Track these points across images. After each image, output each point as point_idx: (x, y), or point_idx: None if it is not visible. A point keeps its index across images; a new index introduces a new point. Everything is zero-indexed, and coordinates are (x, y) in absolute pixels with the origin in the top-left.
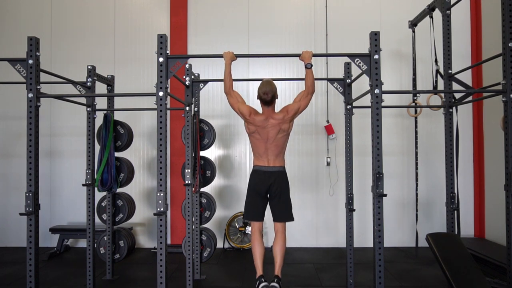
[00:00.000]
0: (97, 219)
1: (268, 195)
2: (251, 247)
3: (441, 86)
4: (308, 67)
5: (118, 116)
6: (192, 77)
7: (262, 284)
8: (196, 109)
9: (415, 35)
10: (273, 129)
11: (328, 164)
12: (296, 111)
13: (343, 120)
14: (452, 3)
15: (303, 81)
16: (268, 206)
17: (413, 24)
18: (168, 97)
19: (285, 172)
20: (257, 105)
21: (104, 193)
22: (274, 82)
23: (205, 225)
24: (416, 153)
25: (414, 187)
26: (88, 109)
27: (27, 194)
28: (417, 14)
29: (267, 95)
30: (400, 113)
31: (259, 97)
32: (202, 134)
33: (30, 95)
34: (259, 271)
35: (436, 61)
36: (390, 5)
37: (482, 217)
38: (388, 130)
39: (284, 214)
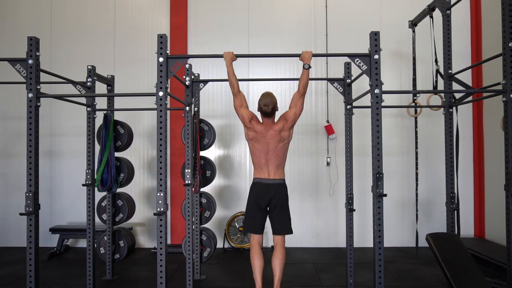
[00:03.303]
0: (97, 219)
1: (268, 208)
2: (251, 260)
3: (441, 86)
4: (306, 67)
5: (118, 116)
6: (192, 77)
7: None
8: (196, 109)
9: (415, 35)
10: (273, 139)
11: (328, 164)
12: (294, 117)
13: (343, 120)
14: (452, 3)
15: None
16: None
17: (413, 24)
18: (168, 97)
19: (285, 185)
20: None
21: (104, 193)
22: (274, 82)
23: (205, 225)
24: (416, 153)
25: (414, 187)
26: (88, 109)
27: (27, 194)
28: (417, 14)
29: (268, 106)
30: (400, 113)
31: (259, 108)
32: (202, 134)
33: (30, 95)
34: (258, 285)
35: (436, 61)
36: (390, 5)
37: (482, 217)
38: (388, 130)
39: (284, 227)
